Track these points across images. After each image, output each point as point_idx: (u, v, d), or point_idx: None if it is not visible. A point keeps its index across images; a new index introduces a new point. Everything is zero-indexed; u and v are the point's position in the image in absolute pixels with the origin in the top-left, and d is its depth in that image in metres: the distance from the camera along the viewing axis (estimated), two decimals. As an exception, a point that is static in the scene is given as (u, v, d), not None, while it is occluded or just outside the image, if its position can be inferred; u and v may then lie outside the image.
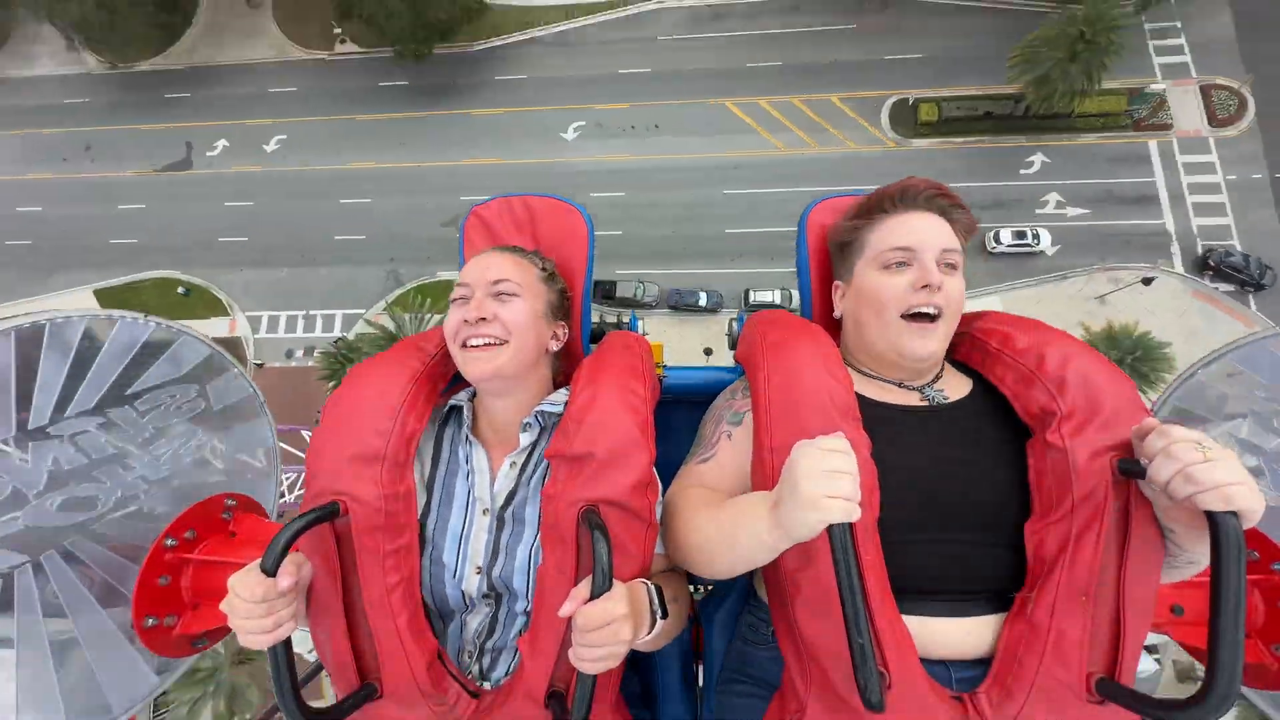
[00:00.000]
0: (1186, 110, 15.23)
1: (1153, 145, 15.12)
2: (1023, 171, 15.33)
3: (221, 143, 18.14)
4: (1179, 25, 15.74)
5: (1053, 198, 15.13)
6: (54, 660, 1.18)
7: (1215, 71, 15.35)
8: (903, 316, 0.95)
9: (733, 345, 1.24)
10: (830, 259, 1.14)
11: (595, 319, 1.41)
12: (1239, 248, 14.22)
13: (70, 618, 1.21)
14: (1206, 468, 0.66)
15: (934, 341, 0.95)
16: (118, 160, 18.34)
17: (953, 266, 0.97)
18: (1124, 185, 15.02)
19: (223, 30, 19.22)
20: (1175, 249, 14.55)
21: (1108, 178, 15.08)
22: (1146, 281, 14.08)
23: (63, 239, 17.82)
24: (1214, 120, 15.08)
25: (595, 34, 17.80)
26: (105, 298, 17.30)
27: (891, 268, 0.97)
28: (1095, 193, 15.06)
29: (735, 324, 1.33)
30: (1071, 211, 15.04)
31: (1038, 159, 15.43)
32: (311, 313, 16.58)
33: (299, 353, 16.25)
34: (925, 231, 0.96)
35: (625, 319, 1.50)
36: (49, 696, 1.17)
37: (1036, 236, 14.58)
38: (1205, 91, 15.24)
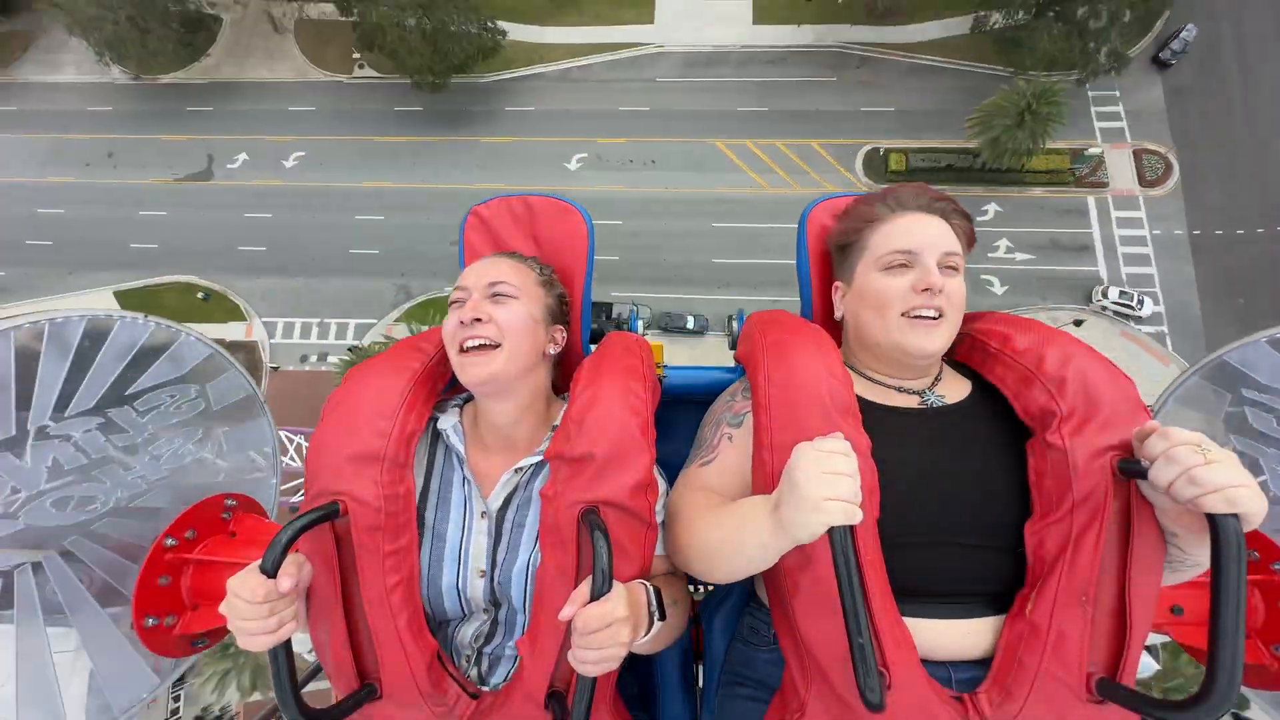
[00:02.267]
0: (1121, 171, 15.79)
1: (1090, 200, 15.70)
2: (978, 219, 15.59)
3: (242, 156, 17.78)
4: (1118, 94, 16.39)
5: (1003, 243, 15.61)
6: (53, 660, 1.09)
7: (1146, 137, 16.03)
8: (904, 315, 0.89)
9: (733, 345, 1.20)
10: (830, 260, 1.09)
11: (595, 323, 1.37)
12: (1161, 295, 14.90)
13: (70, 618, 1.12)
14: (1209, 470, 0.62)
15: (937, 339, 0.89)
16: (140, 168, 17.81)
17: (953, 269, 0.91)
18: (1065, 235, 15.61)
19: (246, 50, 18.89)
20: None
21: (1052, 227, 15.62)
22: (1078, 323, 14.60)
23: (84, 241, 17.19)
24: (1143, 181, 15.65)
25: (599, 72, 17.98)
26: (126, 299, 16.70)
27: (893, 269, 0.91)
28: (1040, 240, 15.59)
29: (735, 323, 1.29)
30: (1019, 256, 15.51)
31: (991, 208, 15.94)
32: (326, 321, 16.34)
33: (313, 357, 15.99)
34: (926, 234, 0.90)
35: (625, 321, 1.45)
36: (49, 696, 1.08)
37: (1141, 302, 14.24)
38: (1137, 155, 15.87)
